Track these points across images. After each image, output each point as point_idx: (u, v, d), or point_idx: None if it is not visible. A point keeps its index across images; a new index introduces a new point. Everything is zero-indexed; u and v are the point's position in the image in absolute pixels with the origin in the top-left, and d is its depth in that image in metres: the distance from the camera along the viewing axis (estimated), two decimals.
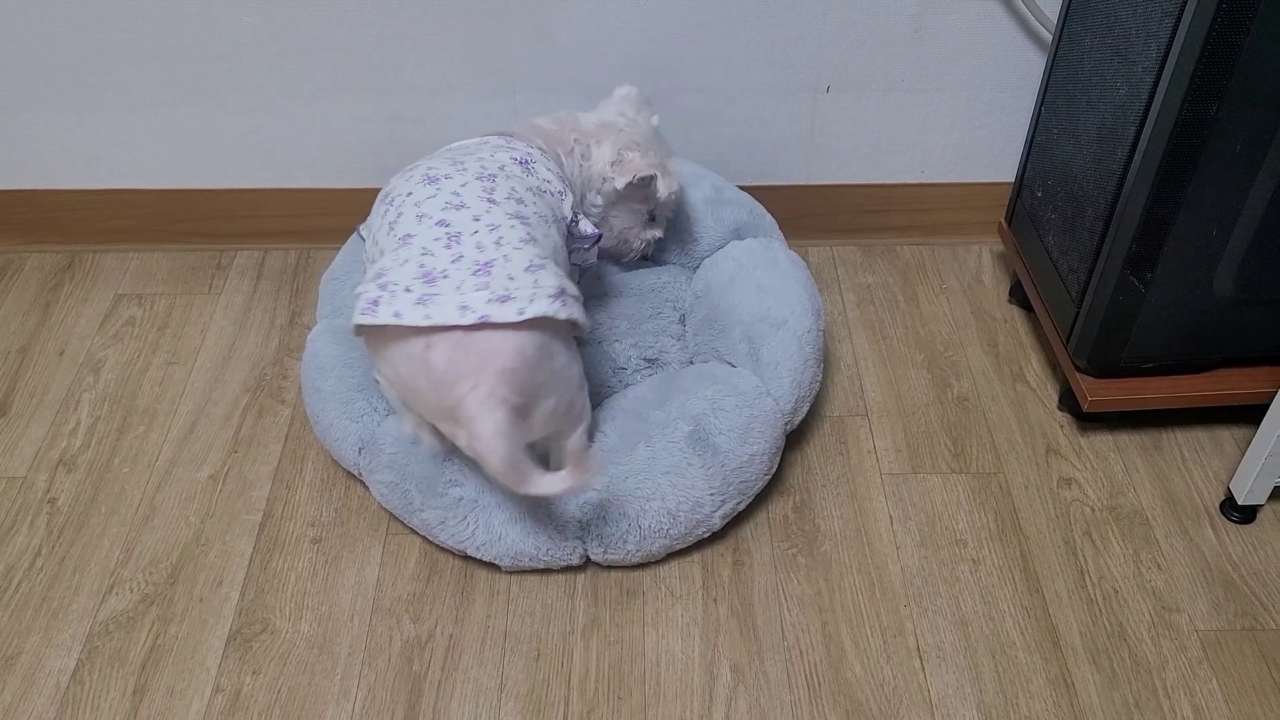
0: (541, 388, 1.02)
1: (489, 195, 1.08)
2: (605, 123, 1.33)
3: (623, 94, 1.37)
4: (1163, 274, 1.20)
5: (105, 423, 1.40)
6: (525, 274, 1.01)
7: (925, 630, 1.18)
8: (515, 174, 1.16)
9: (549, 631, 1.18)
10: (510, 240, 1.04)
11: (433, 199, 1.08)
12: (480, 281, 0.99)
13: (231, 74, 1.49)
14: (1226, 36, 1.02)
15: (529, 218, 1.09)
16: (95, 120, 1.53)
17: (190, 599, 1.21)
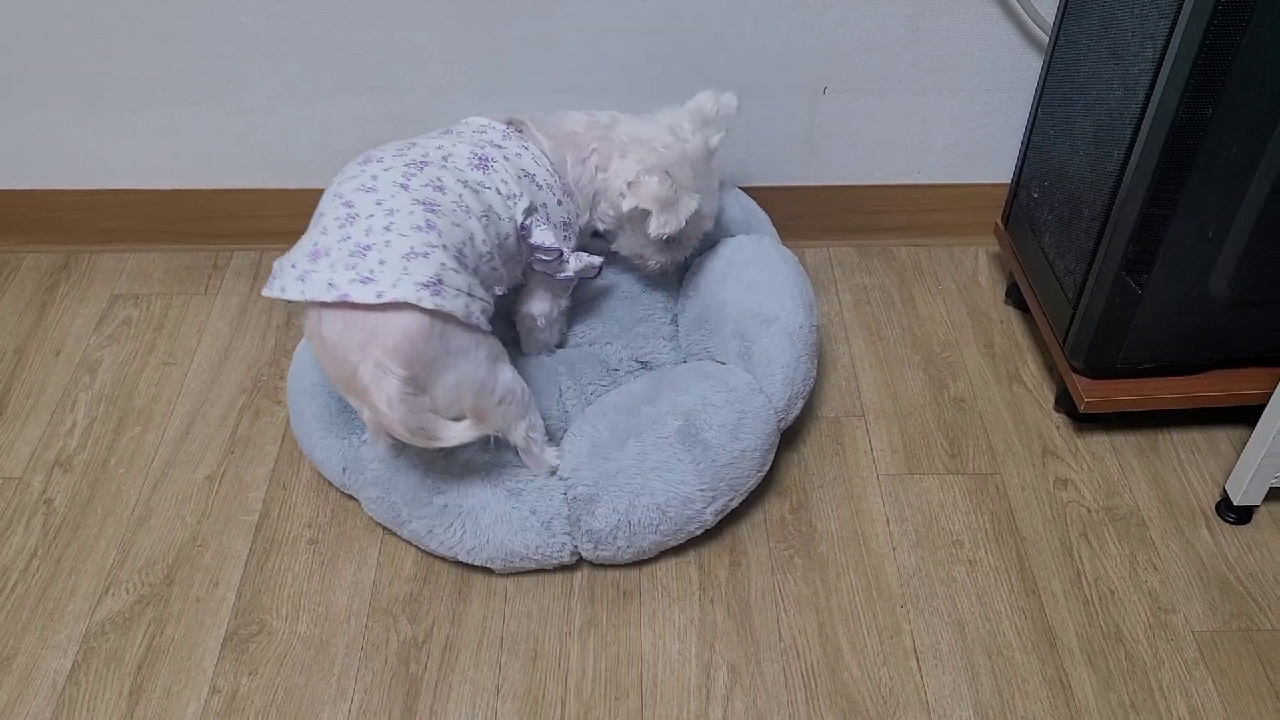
0: (435, 363, 1.04)
1: (404, 181, 1.09)
2: (641, 139, 1.25)
3: (694, 104, 1.30)
4: (1159, 275, 1.20)
5: (101, 423, 1.40)
6: (399, 260, 1.02)
7: (922, 631, 1.18)
8: (458, 166, 1.14)
9: (546, 632, 1.18)
10: (400, 226, 1.04)
11: (354, 179, 1.10)
12: (352, 263, 1.02)
13: (230, 74, 1.49)
14: (1222, 38, 1.02)
15: (440, 206, 1.08)
16: (93, 120, 1.53)
17: (187, 600, 1.21)
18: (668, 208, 1.22)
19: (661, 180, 1.22)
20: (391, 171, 1.10)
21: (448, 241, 1.07)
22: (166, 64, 1.48)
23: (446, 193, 1.10)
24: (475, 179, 1.14)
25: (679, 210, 1.23)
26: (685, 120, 1.28)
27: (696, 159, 1.27)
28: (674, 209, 1.23)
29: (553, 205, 1.22)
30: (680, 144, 1.26)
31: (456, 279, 1.05)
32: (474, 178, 1.14)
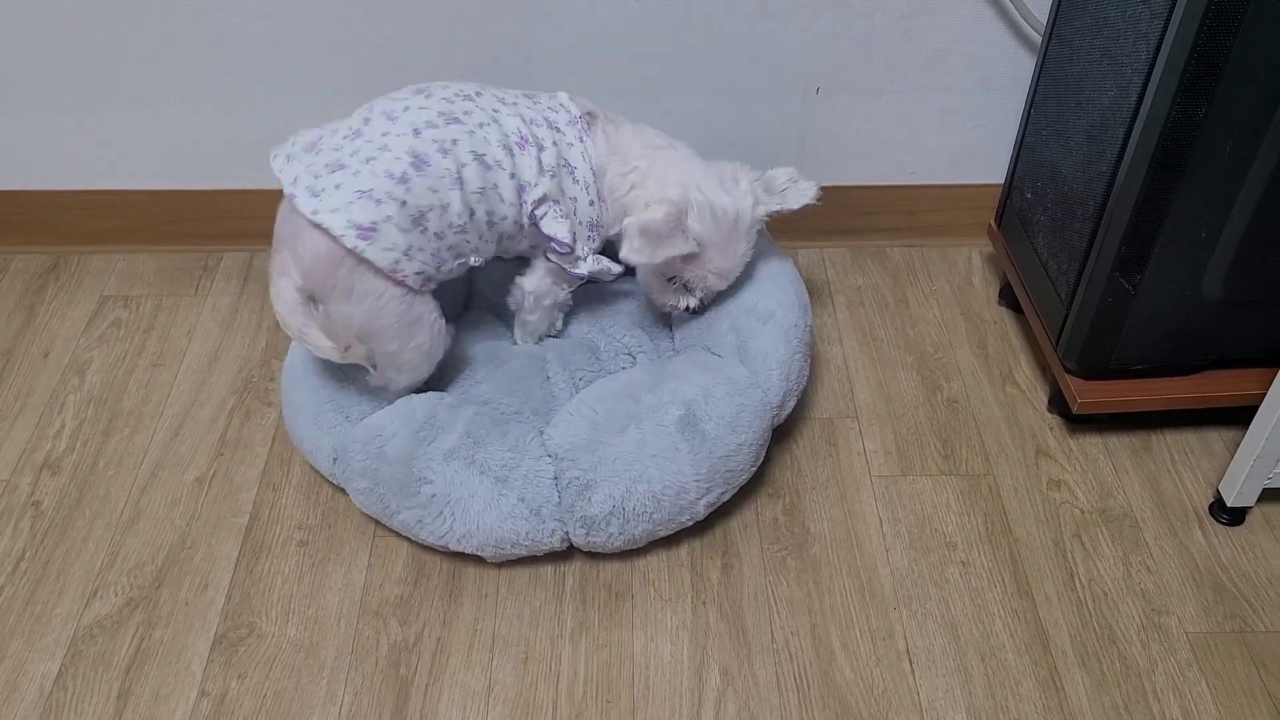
0: (334, 292, 1.10)
1: (420, 127, 1.11)
2: (683, 174, 1.22)
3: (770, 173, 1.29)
4: (1152, 276, 1.20)
5: (90, 425, 1.39)
6: (352, 193, 1.07)
7: (915, 633, 1.18)
8: (488, 138, 1.14)
9: (537, 634, 1.17)
10: (379, 165, 1.08)
11: (394, 101, 1.14)
12: (320, 172, 1.09)
13: (221, 73, 1.48)
14: (1215, 37, 1.02)
15: (430, 167, 1.10)
16: (83, 120, 1.52)
17: (175, 603, 1.20)
18: (650, 240, 1.16)
19: (667, 215, 1.17)
20: (424, 112, 1.13)
21: (411, 200, 1.09)
22: (158, 64, 1.47)
23: (448, 157, 1.11)
24: (495, 157, 1.14)
25: (660, 248, 1.17)
26: (745, 178, 1.25)
27: (728, 217, 1.22)
28: (656, 243, 1.17)
29: (583, 203, 1.21)
30: (720, 195, 1.21)
31: (398, 235, 1.09)
32: (495, 155, 1.14)
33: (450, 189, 1.12)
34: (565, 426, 1.21)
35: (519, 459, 1.18)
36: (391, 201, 1.08)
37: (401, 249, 1.10)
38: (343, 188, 1.08)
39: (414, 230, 1.11)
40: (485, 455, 1.18)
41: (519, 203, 1.16)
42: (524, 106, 1.20)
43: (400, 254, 1.10)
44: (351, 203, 1.07)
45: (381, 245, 1.08)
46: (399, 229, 1.09)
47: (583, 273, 1.23)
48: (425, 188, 1.10)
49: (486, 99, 1.18)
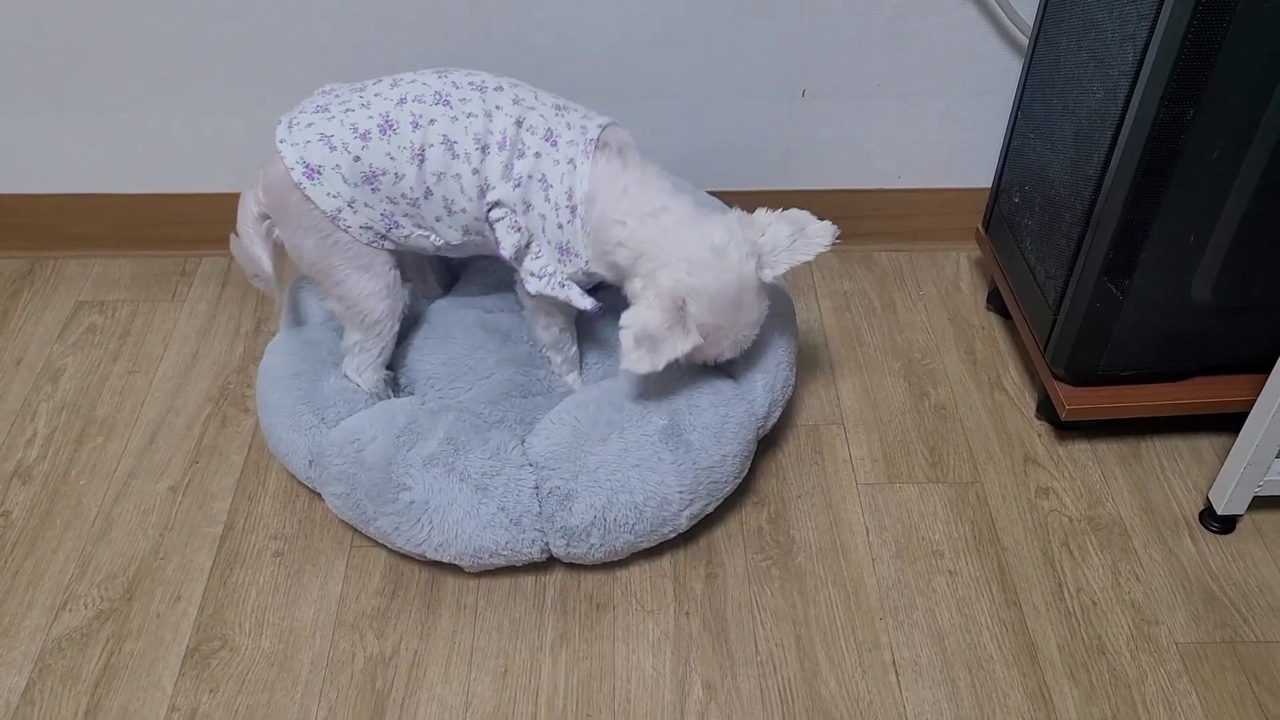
0: (285, 219, 1.16)
1: (404, 97, 1.13)
2: (677, 248, 1.11)
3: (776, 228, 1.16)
4: (1140, 281, 1.18)
5: (63, 433, 1.36)
6: (318, 136, 1.12)
7: (901, 644, 1.16)
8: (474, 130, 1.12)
9: (516, 647, 1.15)
10: (354, 119, 1.13)
11: (413, 73, 1.16)
12: (310, 113, 1.14)
13: (197, 76, 1.46)
14: (1203, 39, 1.01)
15: (395, 135, 1.11)
16: (57, 123, 1.50)
17: (147, 615, 1.17)
18: (647, 346, 1.09)
19: (663, 314, 1.09)
20: (423, 87, 1.14)
21: (365, 158, 1.12)
22: (134, 66, 1.45)
23: (417, 131, 1.12)
24: (465, 148, 1.12)
25: (661, 352, 1.09)
26: (743, 240, 1.13)
27: (729, 293, 1.12)
28: (655, 349, 1.09)
29: (551, 223, 1.15)
30: (718, 272, 1.11)
31: (342, 185, 1.13)
32: (465, 147, 1.12)
33: (408, 163, 1.13)
34: (547, 434, 1.19)
35: (499, 467, 1.16)
36: (345, 153, 1.12)
37: (345, 199, 1.14)
38: (312, 127, 1.13)
39: (364, 186, 1.14)
40: (465, 462, 1.16)
41: (479, 200, 1.15)
42: (541, 113, 1.15)
43: (344, 203, 1.14)
44: (310, 142, 1.12)
45: (325, 190, 1.13)
46: (345, 180, 1.13)
47: (531, 290, 1.18)
48: (383, 152, 1.12)
49: (502, 95, 1.15)
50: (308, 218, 1.15)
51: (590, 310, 1.18)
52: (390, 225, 1.17)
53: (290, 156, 1.12)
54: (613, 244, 1.14)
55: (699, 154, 1.55)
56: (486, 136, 1.13)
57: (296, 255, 1.19)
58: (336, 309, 1.23)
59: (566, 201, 1.14)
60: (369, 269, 1.19)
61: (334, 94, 1.17)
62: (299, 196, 1.13)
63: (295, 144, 1.13)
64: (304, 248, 1.18)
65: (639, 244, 1.13)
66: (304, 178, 1.12)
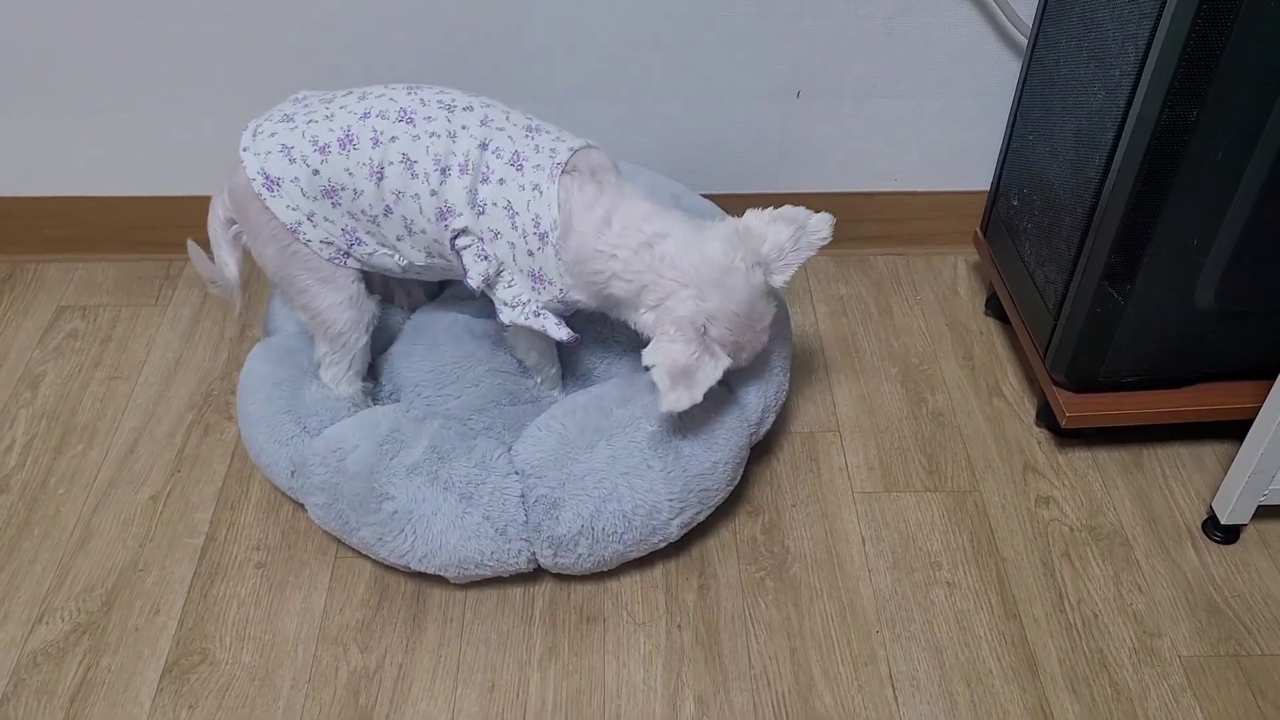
0: (247, 226, 1.16)
1: (368, 111, 1.10)
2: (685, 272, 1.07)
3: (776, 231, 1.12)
4: (1142, 285, 1.16)
5: (42, 440, 1.33)
6: (279, 147, 1.10)
7: (898, 657, 1.13)
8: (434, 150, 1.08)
9: (504, 661, 1.12)
10: (316, 129, 1.11)
11: (382, 86, 1.14)
12: (275, 123, 1.13)
13: (179, 76, 1.43)
14: (1207, 39, 0.98)
15: (355, 151, 1.09)
16: (38, 125, 1.47)
17: (125, 628, 1.14)
18: (684, 383, 1.06)
19: (686, 343, 1.06)
20: (390, 103, 1.11)
21: (324, 172, 1.10)
22: (118, 69, 1.42)
23: (377, 149, 1.09)
24: (424, 168, 1.09)
25: (695, 382, 1.06)
26: (748, 252, 1.09)
27: (744, 305, 1.09)
28: (690, 382, 1.06)
29: (520, 251, 1.11)
30: (729, 288, 1.08)
31: (300, 199, 1.11)
32: (424, 167, 1.09)
33: (366, 179, 1.10)
34: (533, 442, 1.16)
35: (485, 475, 1.13)
36: (304, 166, 1.10)
37: (305, 212, 1.12)
38: (275, 137, 1.11)
39: (323, 200, 1.12)
40: (450, 471, 1.13)
41: (439, 224, 1.11)
42: (510, 135, 1.11)
43: (303, 216, 1.12)
44: (270, 153, 1.11)
45: (285, 202, 1.11)
46: (304, 193, 1.11)
47: (505, 321, 1.14)
48: (342, 167, 1.10)
49: (470, 115, 1.11)
50: (268, 227, 1.13)
51: (567, 341, 1.14)
52: (352, 241, 1.14)
53: (252, 167, 1.11)
54: (604, 277, 1.10)
55: (693, 156, 1.52)
56: (448, 158, 1.09)
57: (260, 263, 1.18)
58: (302, 318, 1.21)
59: (534, 229, 1.09)
60: (330, 281, 1.17)
61: (303, 102, 1.15)
62: (260, 205, 1.12)
63: (257, 154, 1.11)
64: (266, 256, 1.17)
65: (637, 275, 1.08)
66: (264, 189, 1.11)
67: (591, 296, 1.13)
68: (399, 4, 1.37)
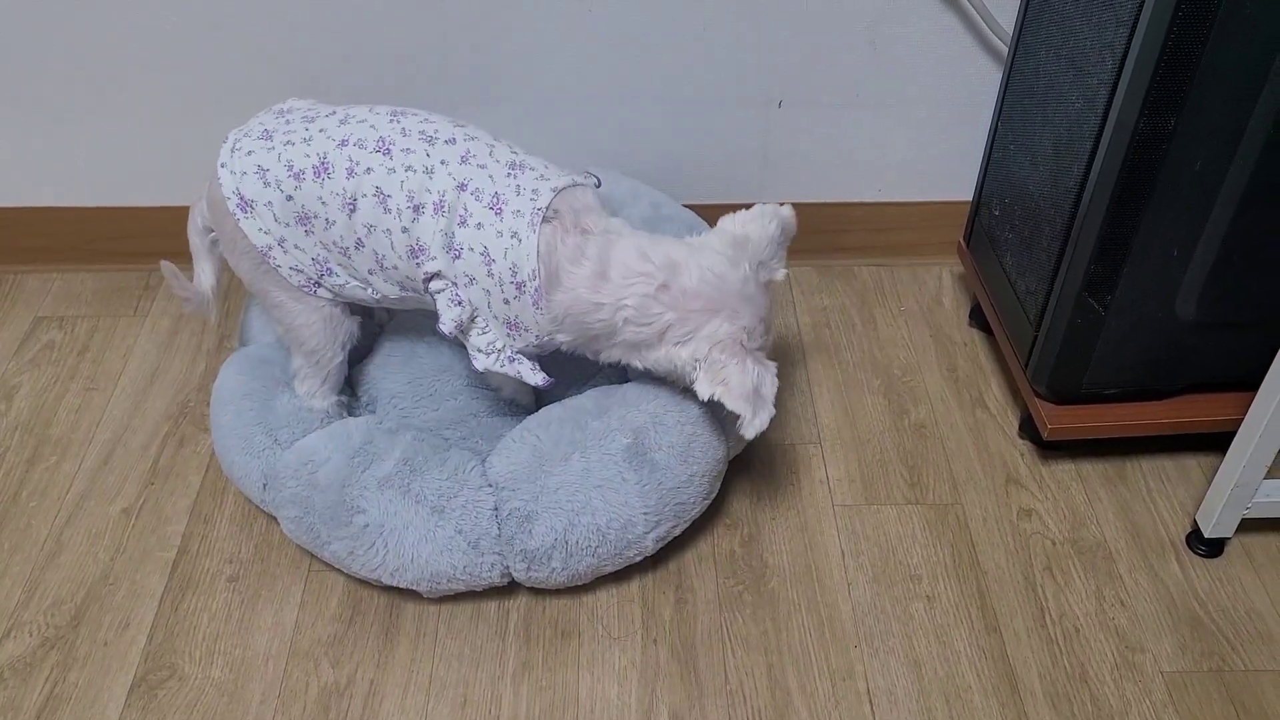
0: (223, 238, 1.15)
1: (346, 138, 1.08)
2: (710, 298, 1.07)
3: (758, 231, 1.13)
4: (1123, 296, 1.15)
5: (15, 453, 1.32)
6: (254, 166, 1.08)
7: (876, 672, 1.11)
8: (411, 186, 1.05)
9: (477, 676, 1.11)
10: (293, 152, 1.08)
11: (365, 110, 1.12)
12: (254, 133, 1.11)
13: (155, 84, 1.42)
14: (1184, 46, 0.97)
15: (329, 180, 1.07)
16: (14, 135, 1.47)
17: (94, 643, 1.13)
18: (757, 402, 1.07)
19: (741, 365, 1.06)
20: (370, 130, 1.08)
21: (298, 199, 1.08)
22: (87, 74, 1.41)
23: (351, 179, 1.07)
24: (398, 204, 1.05)
25: (766, 397, 1.07)
26: (746, 258, 1.10)
27: (764, 311, 1.11)
28: (761, 399, 1.07)
29: (496, 300, 1.07)
30: (747, 299, 1.09)
31: (273, 224, 1.10)
32: (398, 203, 1.05)
33: (339, 210, 1.07)
34: (507, 454, 1.15)
35: (457, 488, 1.12)
36: (278, 191, 1.09)
37: (276, 237, 1.11)
38: (252, 156, 1.09)
39: (296, 227, 1.10)
40: (422, 484, 1.12)
41: (411, 261, 1.08)
42: (491, 173, 1.07)
43: (274, 241, 1.11)
44: (246, 173, 1.09)
45: (257, 225, 1.10)
46: (277, 218, 1.10)
47: (478, 367, 1.12)
48: (315, 196, 1.08)
49: (451, 150, 1.07)
50: (242, 242, 1.12)
51: (542, 385, 1.12)
52: (323, 272, 1.12)
53: (227, 185, 1.09)
54: (613, 324, 1.08)
55: (674, 166, 1.52)
56: (422, 194, 1.05)
57: (236, 272, 1.17)
58: (278, 331, 1.21)
59: (511, 277, 1.05)
60: (303, 299, 1.15)
61: (285, 117, 1.13)
62: (231, 224, 1.11)
63: (234, 172, 1.09)
64: (241, 268, 1.16)
65: (656, 317, 1.07)
66: (238, 209, 1.09)
67: (584, 341, 1.11)
68: (378, 12, 1.37)
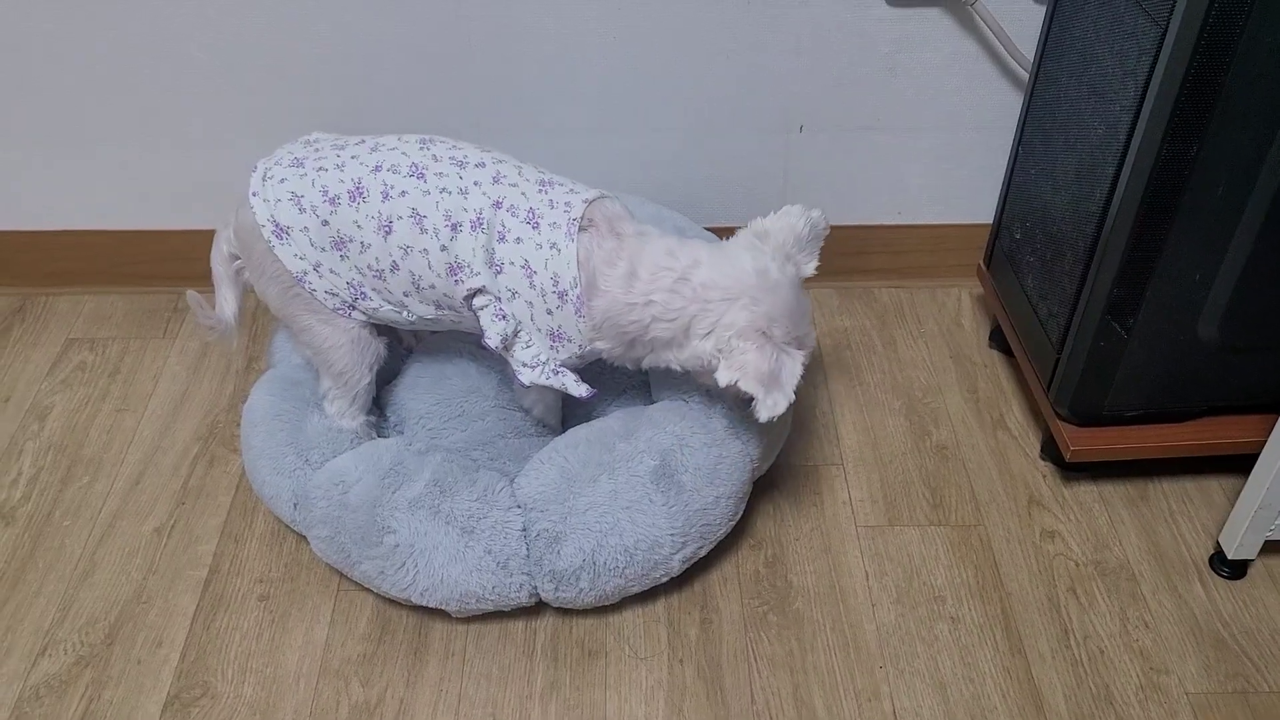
0: (250, 264, 1.17)
1: (380, 164, 1.10)
2: (727, 290, 1.07)
3: (782, 226, 1.12)
4: (1145, 319, 1.16)
5: (49, 473, 1.34)
6: (288, 193, 1.10)
7: (902, 693, 1.12)
8: (446, 207, 1.08)
9: (506, 695, 1.12)
10: (327, 178, 1.10)
11: (395, 138, 1.14)
12: (285, 161, 1.13)
13: (184, 111, 1.45)
14: (1206, 74, 0.99)
15: (364, 204, 1.09)
16: (46, 160, 1.49)
17: (128, 661, 1.14)
18: (773, 385, 1.05)
19: (760, 349, 1.05)
20: (402, 156, 1.11)
21: (334, 223, 1.10)
22: (118, 102, 1.44)
23: (386, 203, 1.09)
24: (434, 224, 1.08)
25: (784, 382, 1.06)
26: (769, 250, 1.11)
27: (791, 301, 1.09)
28: (779, 383, 1.06)
29: (540, 311, 1.10)
30: (774, 289, 1.08)
31: (310, 250, 1.12)
32: (434, 223, 1.08)
33: (374, 233, 1.10)
34: (535, 475, 1.16)
35: (486, 509, 1.13)
36: (314, 216, 1.11)
37: (311, 262, 1.12)
38: (285, 184, 1.11)
39: (332, 252, 1.12)
40: (452, 505, 1.13)
41: (449, 279, 1.10)
42: (523, 191, 1.10)
43: (310, 266, 1.13)
44: (280, 200, 1.11)
45: (293, 251, 1.12)
46: (313, 243, 1.12)
47: (525, 382, 1.13)
48: (351, 220, 1.10)
49: (482, 172, 1.10)
50: (272, 268, 1.14)
51: (585, 397, 1.14)
52: (357, 295, 1.14)
53: (261, 213, 1.11)
54: (642, 325, 1.09)
55: (695, 189, 1.53)
56: (459, 214, 1.08)
57: (263, 299, 1.19)
58: (306, 354, 1.22)
59: (553, 287, 1.08)
60: (330, 322, 1.17)
61: (314, 146, 1.15)
62: (265, 248, 1.12)
63: (267, 200, 1.11)
64: (269, 294, 1.18)
65: (680, 311, 1.08)
66: (273, 236, 1.11)
67: (623, 346, 1.13)
68: (400, 41, 1.39)
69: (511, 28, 1.38)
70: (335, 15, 1.37)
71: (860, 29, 1.39)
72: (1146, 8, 1.03)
